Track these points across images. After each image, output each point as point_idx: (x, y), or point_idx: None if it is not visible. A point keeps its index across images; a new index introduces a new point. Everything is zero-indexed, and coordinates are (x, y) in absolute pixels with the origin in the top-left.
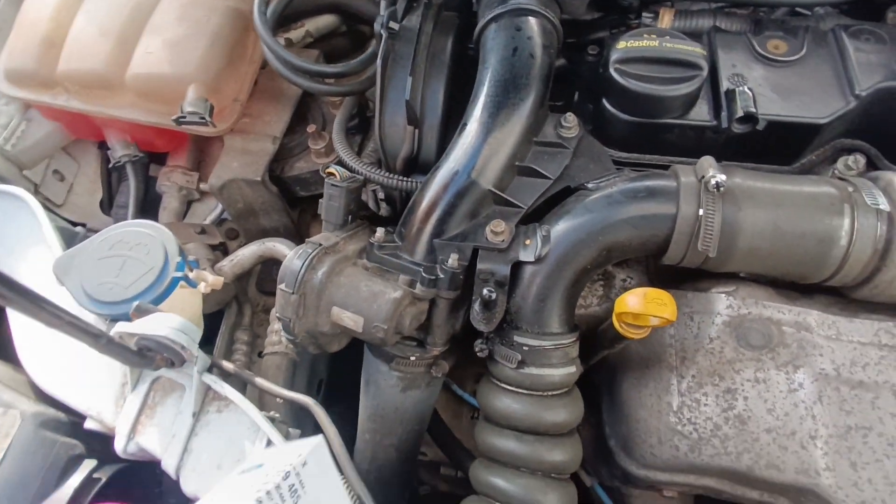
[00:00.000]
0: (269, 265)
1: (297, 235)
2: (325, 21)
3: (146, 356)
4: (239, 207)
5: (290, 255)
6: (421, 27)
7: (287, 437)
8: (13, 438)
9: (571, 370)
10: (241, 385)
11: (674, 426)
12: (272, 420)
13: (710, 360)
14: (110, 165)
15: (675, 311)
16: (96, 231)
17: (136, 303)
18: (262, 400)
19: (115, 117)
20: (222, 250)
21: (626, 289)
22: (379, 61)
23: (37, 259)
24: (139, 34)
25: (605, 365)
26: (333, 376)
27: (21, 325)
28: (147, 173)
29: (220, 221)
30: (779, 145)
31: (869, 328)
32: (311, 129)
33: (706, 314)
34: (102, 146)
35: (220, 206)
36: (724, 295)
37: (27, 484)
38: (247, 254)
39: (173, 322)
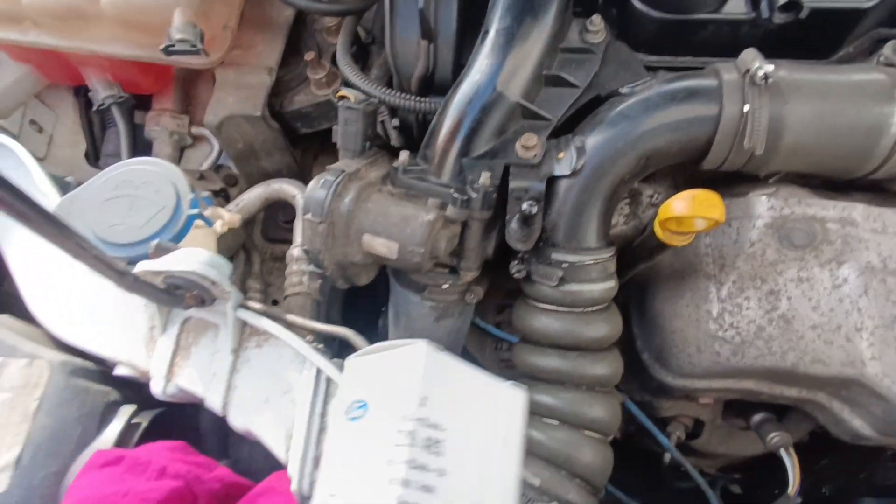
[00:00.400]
0: (273, 212)
1: (301, 176)
2: None
3: (175, 294)
4: (238, 148)
5: (313, 184)
6: None
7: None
8: (44, 389)
9: (610, 285)
10: None
11: (714, 332)
12: (318, 350)
13: (752, 263)
14: (94, 109)
15: (724, 212)
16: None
17: (154, 241)
18: None
19: (93, 52)
20: (224, 196)
21: (653, 205)
22: None
23: None
24: None
25: (631, 283)
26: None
27: (29, 279)
28: (133, 117)
29: (216, 167)
30: (818, 37)
31: None
32: (308, 56)
33: (745, 218)
34: (79, 93)
35: (215, 152)
36: (764, 197)
37: (66, 433)
38: (252, 197)
39: (201, 257)
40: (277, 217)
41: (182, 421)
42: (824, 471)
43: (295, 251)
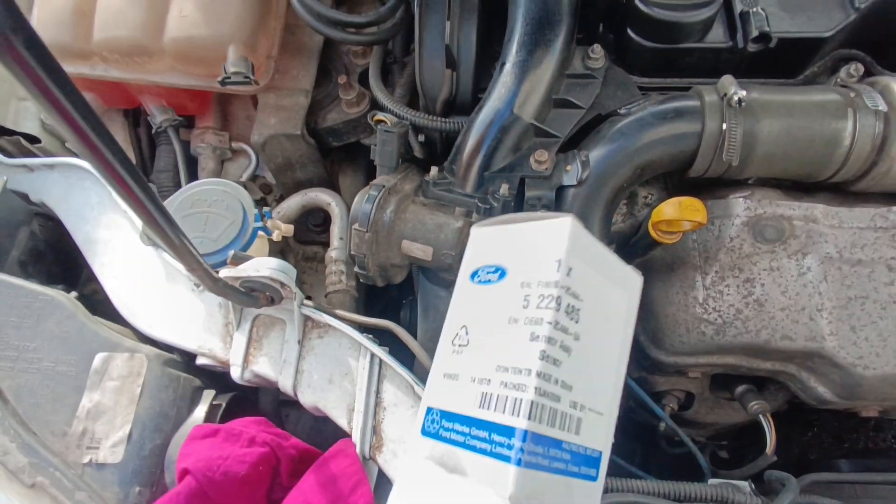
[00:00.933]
0: (303, 217)
1: (330, 184)
2: None
3: (252, 296)
4: (278, 162)
5: (358, 199)
6: None
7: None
8: (145, 377)
9: None
10: None
11: (700, 315)
12: (370, 339)
13: (731, 256)
14: (153, 131)
15: (706, 215)
16: None
17: (231, 251)
18: None
19: (154, 83)
20: (262, 203)
21: (647, 205)
22: (416, 8)
23: (111, 224)
24: None
25: None
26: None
27: (115, 285)
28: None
29: (253, 177)
30: (786, 60)
31: (866, 214)
32: (341, 80)
33: (726, 217)
34: (128, 113)
35: (252, 164)
36: (741, 199)
37: (165, 413)
38: (292, 205)
39: (272, 264)
40: (307, 221)
41: (247, 403)
42: (812, 440)
43: (333, 253)
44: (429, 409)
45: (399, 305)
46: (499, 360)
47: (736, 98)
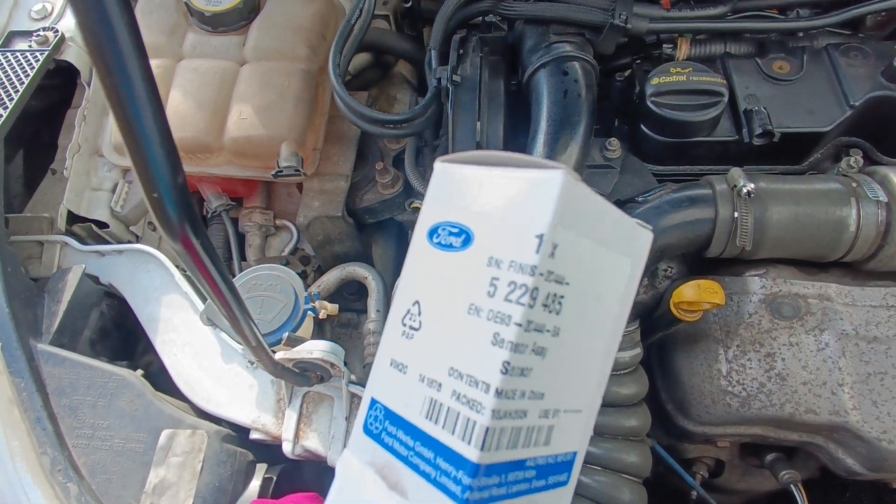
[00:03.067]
0: (339, 287)
1: (364, 255)
2: (359, 59)
3: (305, 375)
4: (319, 239)
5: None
6: (480, 76)
7: None
8: (206, 453)
9: (637, 351)
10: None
11: (724, 388)
12: None
13: (751, 331)
14: (208, 215)
15: (724, 297)
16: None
17: (285, 333)
18: None
19: (213, 175)
20: (303, 276)
21: (668, 278)
22: (449, 109)
23: (172, 304)
24: (229, 102)
25: (653, 344)
26: None
27: (175, 362)
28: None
29: (294, 250)
30: (790, 151)
31: (878, 294)
32: (378, 166)
33: (743, 294)
34: None
35: (294, 239)
36: (757, 277)
37: (224, 487)
38: (331, 279)
39: (324, 346)
40: (342, 290)
41: (293, 475)
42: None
43: (371, 325)
44: (372, 402)
45: None
46: (453, 359)
47: (745, 191)
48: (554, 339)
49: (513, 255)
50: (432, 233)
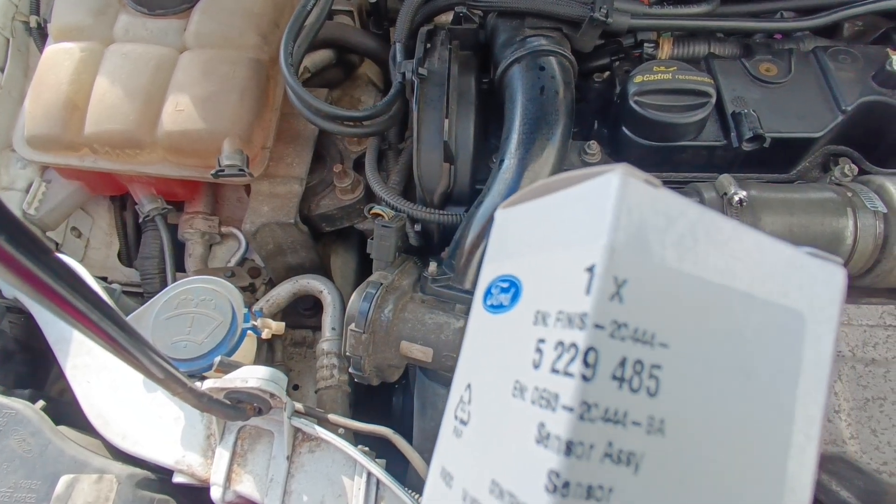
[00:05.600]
0: (293, 301)
1: (321, 267)
2: (321, 56)
3: (238, 408)
4: (269, 249)
5: (355, 297)
6: (449, 70)
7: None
8: (114, 502)
9: None
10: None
11: None
12: (366, 454)
13: None
14: (140, 220)
15: None
16: (120, 283)
17: (217, 358)
18: None
19: (145, 174)
20: (251, 290)
21: None
22: (414, 105)
23: None
24: (164, 92)
25: None
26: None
27: (87, 391)
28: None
29: (241, 261)
30: (779, 157)
31: (874, 312)
32: (336, 168)
33: None
34: (114, 198)
35: (242, 249)
36: None
37: None
38: (282, 293)
39: (262, 373)
40: (297, 305)
41: None
42: None
43: (325, 345)
44: None
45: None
46: (494, 468)
47: (737, 198)
48: (655, 440)
49: (561, 304)
50: (487, 294)
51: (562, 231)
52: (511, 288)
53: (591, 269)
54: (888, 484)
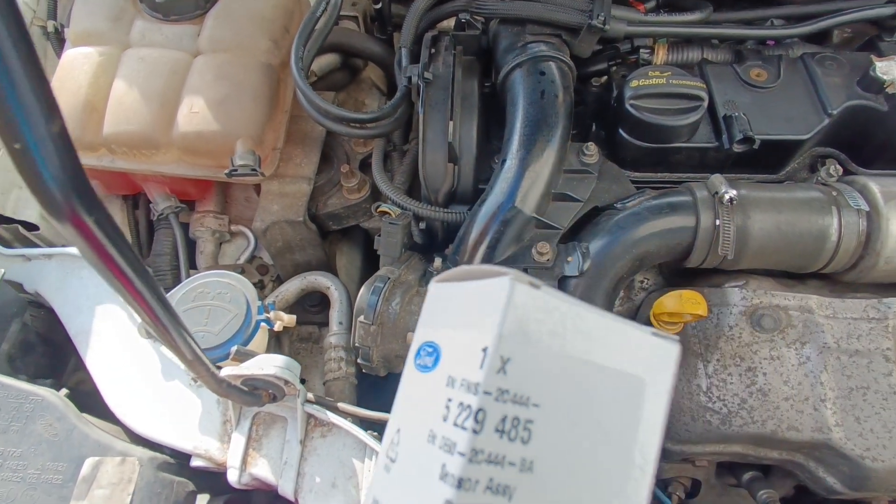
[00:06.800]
0: (300, 298)
1: (327, 265)
2: (327, 60)
3: (255, 394)
4: (278, 246)
5: (364, 291)
6: (453, 74)
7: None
8: (136, 484)
9: None
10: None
11: (704, 404)
12: (376, 438)
13: (731, 344)
14: (154, 218)
15: (707, 307)
16: None
17: (233, 348)
18: None
19: (160, 174)
20: (259, 286)
21: (644, 289)
22: (419, 108)
23: (107, 315)
24: (179, 95)
25: None
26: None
27: (108, 380)
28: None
29: (250, 258)
30: (768, 158)
31: (858, 306)
32: (344, 168)
33: (723, 306)
34: (126, 197)
35: (251, 247)
36: (737, 289)
37: None
38: (291, 289)
39: (278, 361)
40: (304, 302)
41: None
42: None
43: (332, 339)
44: None
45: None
46: (410, 498)
47: (727, 197)
48: (525, 477)
49: (464, 373)
50: (417, 355)
51: (470, 314)
52: (433, 353)
53: (484, 350)
54: (871, 469)
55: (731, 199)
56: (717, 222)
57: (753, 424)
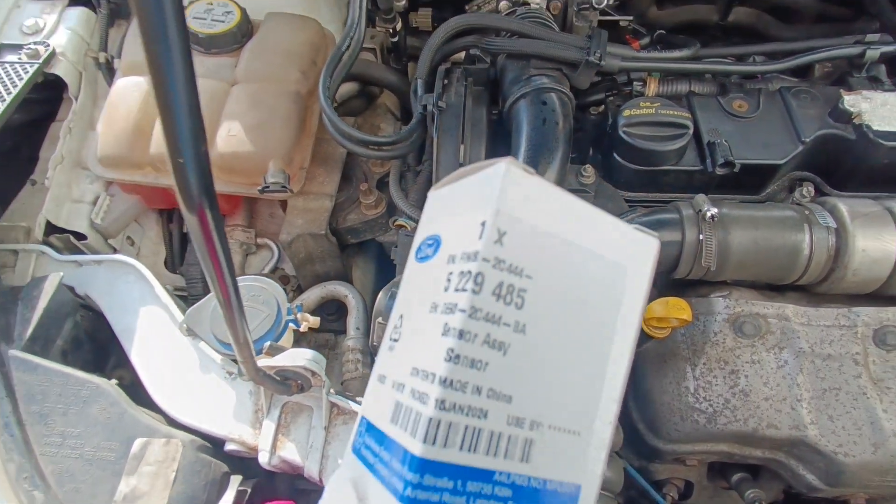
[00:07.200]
0: (319, 307)
1: (345, 276)
2: (346, 88)
3: (286, 384)
4: (301, 257)
5: (382, 295)
6: (465, 103)
7: None
8: (179, 462)
9: None
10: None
11: (692, 404)
12: None
13: (716, 349)
14: (185, 230)
15: (691, 313)
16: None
17: (267, 342)
18: None
19: None
20: None
21: None
22: (434, 133)
23: (150, 315)
24: (218, 120)
25: None
26: None
27: (151, 373)
28: None
29: (273, 269)
30: (749, 181)
31: (831, 314)
32: (363, 187)
33: (709, 314)
34: (161, 211)
35: (275, 258)
36: (721, 298)
37: (197, 497)
38: (311, 296)
39: (308, 355)
40: (322, 310)
41: (267, 490)
42: None
43: (350, 342)
44: (360, 420)
45: None
46: (414, 360)
47: (709, 214)
48: (518, 336)
49: (464, 247)
50: (418, 251)
51: (469, 201)
52: (434, 243)
53: (483, 224)
54: (844, 464)
55: (712, 217)
56: (701, 237)
57: (736, 423)
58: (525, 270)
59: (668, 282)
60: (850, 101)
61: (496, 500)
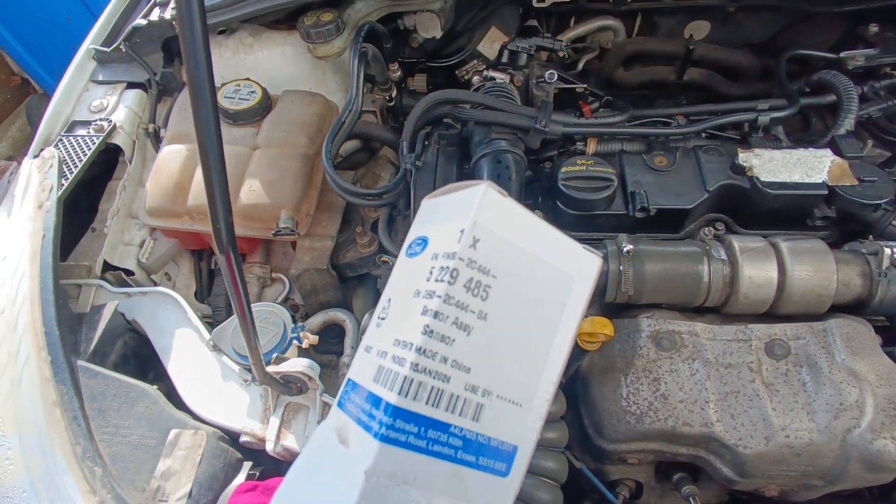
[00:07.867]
0: (323, 331)
1: (346, 304)
2: (351, 144)
3: (288, 385)
4: (307, 289)
5: (367, 318)
6: (437, 162)
7: None
8: (204, 448)
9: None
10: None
11: (625, 407)
12: None
13: (642, 361)
14: (214, 268)
15: (613, 330)
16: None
17: (275, 354)
18: None
19: None
20: (292, 321)
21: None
22: (412, 187)
23: (184, 336)
24: (242, 178)
25: (578, 378)
26: None
27: (183, 380)
28: None
29: (285, 299)
30: (667, 222)
31: (731, 330)
32: (358, 230)
33: (636, 331)
34: (194, 252)
35: (285, 290)
36: (645, 318)
37: (217, 477)
38: (316, 320)
39: (304, 363)
40: (325, 335)
41: (272, 475)
42: None
43: (345, 359)
44: (347, 381)
45: None
46: (397, 333)
47: (626, 249)
48: (480, 322)
49: (445, 248)
50: (408, 248)
51: (453, 212)
52: (422, 243)
53: (462, 231)
54: (744, 455)
55: (628, 252)
56: (621, 268)
57: (659, 422)
58: (492, 271)
59: (606, 305)
60: (744, 157)
61: (449, 447)
